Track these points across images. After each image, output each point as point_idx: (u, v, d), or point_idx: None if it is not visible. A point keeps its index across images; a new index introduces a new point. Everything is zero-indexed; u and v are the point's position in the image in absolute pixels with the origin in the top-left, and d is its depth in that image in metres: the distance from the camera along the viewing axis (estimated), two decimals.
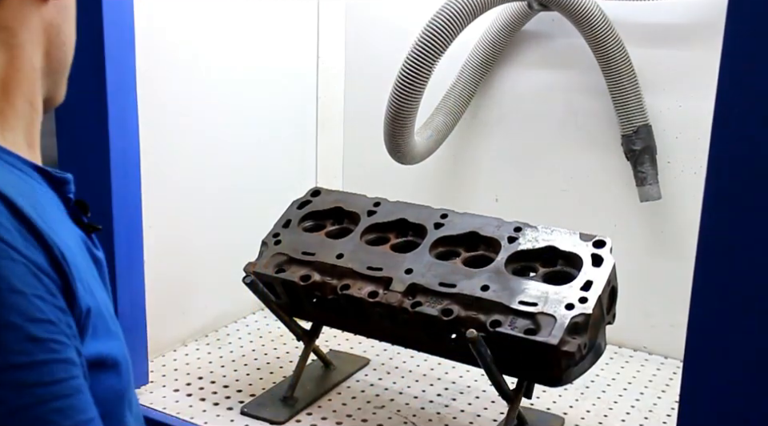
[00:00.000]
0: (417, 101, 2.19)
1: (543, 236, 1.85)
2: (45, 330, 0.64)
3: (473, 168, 2.62)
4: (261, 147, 2.54)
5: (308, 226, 2.07)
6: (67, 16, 0.81)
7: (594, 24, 2.20)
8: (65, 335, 0.65)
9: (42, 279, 0.65)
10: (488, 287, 1.75)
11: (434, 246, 1.90)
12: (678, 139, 2.29)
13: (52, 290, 0.66)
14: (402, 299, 1.80)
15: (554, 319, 1.65)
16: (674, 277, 2.22)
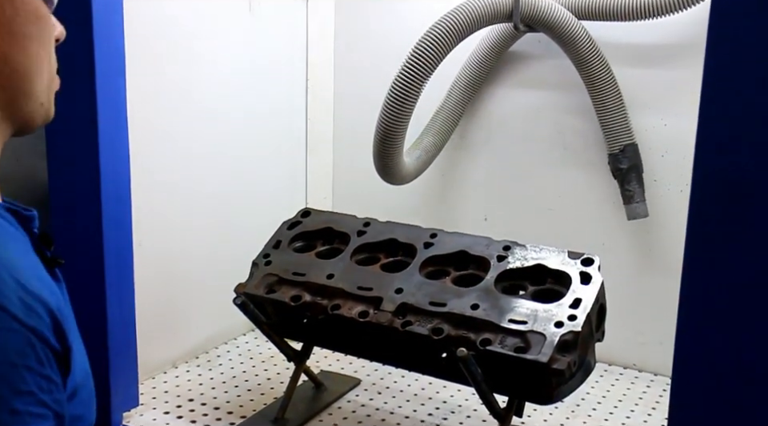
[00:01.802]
0: (405, 122, 2.20)
1: (532, 255, 1.86)
2: (24, 402, 0.66)
3: (462, 188, 2.64)
4: (251, 169, 2.55)
5: (298, 246, 2.08)
6: (15, 43, 0.75)
7: (579, 45, 2.23)
8: (41, 405, 0.68)
9: (37, 347, 0.67)
10: (478, 306, 1.75)
11: (424, 265, 1.91)
12: (664, 158, 2.31)
13: (42, 359, 0.68)
14: (393, 318, 1.81)
15: (544, 337, 1.66)
16: (663, 294, 2.23)
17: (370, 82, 2.63)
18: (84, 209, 1.86)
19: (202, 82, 2.32)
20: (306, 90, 2.76)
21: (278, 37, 2.61)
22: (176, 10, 2.20)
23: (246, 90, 2.49)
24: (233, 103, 2.44)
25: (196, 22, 2.27)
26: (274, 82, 2.61)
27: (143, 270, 2.07)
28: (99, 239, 1.86)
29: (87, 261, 1.88)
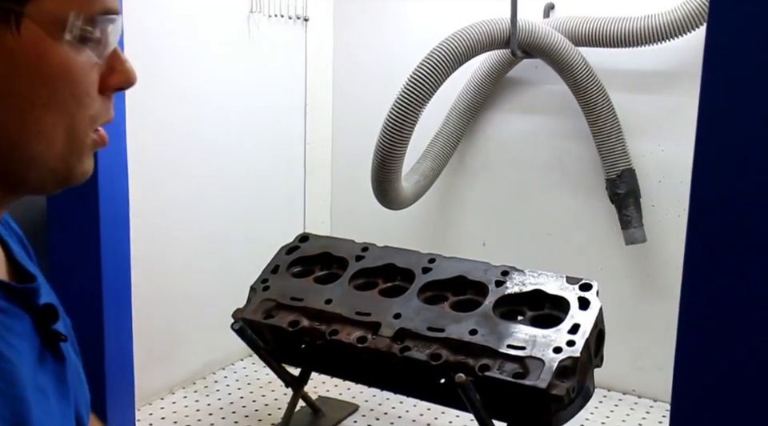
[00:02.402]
0: (403, 147, 2.21)
1: (530, 280, 1.86)
2: None
3: (460, 213, 2.64)
4: (249, 194, 2.55)
5: (296, 271, 2.08)
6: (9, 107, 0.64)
7: (576, 71, 2.25)
8: None
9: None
10: (476, 332, 1.75)
11: (422, 290, 1.91)
12: (662, 183, 2.32)
13: None
14: (391, 344, 1.80)
15: (543, 363, 1.65)
16: (661, 319, 2.23)
17: (369, 107, 2.64)
18: (82, 236, 1.86)
19: (201, 108, 2.33)
20: (304, 116, 2.77)
21: (277, 62, 2.62)
22: (176, 36, 2.21)
23: (245, 115, 2.50)
24: (232, 129, 2.45)
25: (196, 47, 2.28)
26: (273, 107, 2.62)
27: (140, 295, 2.06)
28: (97, 266, 1.86)
29: (85, 287, 1.87)
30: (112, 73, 0.68)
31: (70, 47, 0.63)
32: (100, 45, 0.66)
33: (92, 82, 0.66)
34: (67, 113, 0.65)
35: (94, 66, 0.66)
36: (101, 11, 0.64)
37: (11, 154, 0.64)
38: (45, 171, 0.67)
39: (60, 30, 0.62)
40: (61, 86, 0.64)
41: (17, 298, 0.69)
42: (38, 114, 0.64)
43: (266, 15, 2.50)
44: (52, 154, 0.66)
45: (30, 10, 0.60)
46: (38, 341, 0.71)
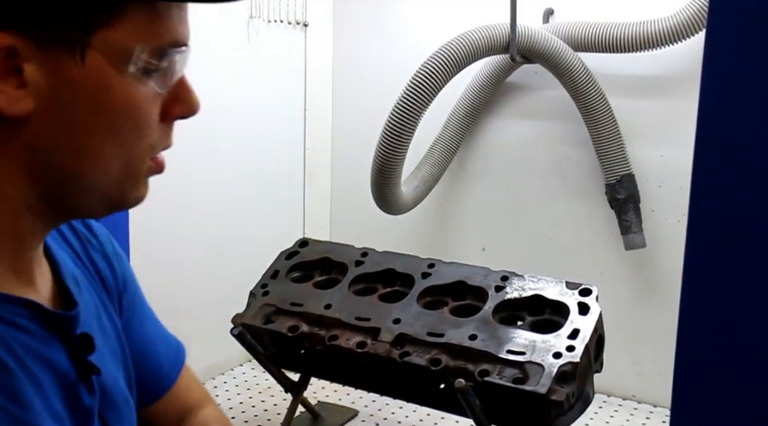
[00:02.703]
0: (403, 152, 2.21)
1: (530, 285, 1.86)
2: None
3: (459, 218, 2.64)
4: (249, 199, 2.55)
5: (296, 276, 2.07)
6: (68, 135, 0.62)
7: (575, 76, 2.25)
8: None
9: None
10: (476, 337, 1.75)
11: (422, 295, 1.91)
12: (661, 188, 2.32)
13: None
14: (391, 349, 1.80)
15: (542, 368, 1.65)
16: (661, 324, 2.23)
17: (368, 112, 2.65)
18: None
19: (201, 113, 2.33)
20: (304, 121, 2.77)
21: (276, 68, 2.62)
22: None
23: (245, 120, 2.50)
24: (232, 134, 2.45)
25: (195, 53, 2.28)
26: (272, 112, 2.62)
27: None
28: None
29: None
30: (176, 102, 0.67)
31: (133, 79, 0.62)
32: (166, 76, 0.65)
33: (153, 113, 0.65)
34: (126, 143, 0.64)
35: (157, 96, 0.64)
36: (168, 43, 0.63)
37: (68, 181, 0.63)
38: (98, 197, 0.65)
39: (125, 62, 0.60)
40: (121, 117, 0.62)
41: (50, 323, 0.67)
42: (97, 144, 0.63)
43: (266, 21, 2.50)
44: (107, 181, 0.64)
45: (96, 40, 0.59)
46: (71, 370, 0.69)
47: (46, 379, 0.66)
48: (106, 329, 0.78)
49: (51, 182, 0.63)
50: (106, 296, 0.83)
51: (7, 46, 0.57)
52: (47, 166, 0.62)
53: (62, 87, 0.59)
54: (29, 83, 0.58)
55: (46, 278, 0.71)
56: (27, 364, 0.64)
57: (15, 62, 0.57)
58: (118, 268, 0.87)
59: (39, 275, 0.69)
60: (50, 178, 0.63)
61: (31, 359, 0.65)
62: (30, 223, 0.65)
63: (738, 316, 1.14)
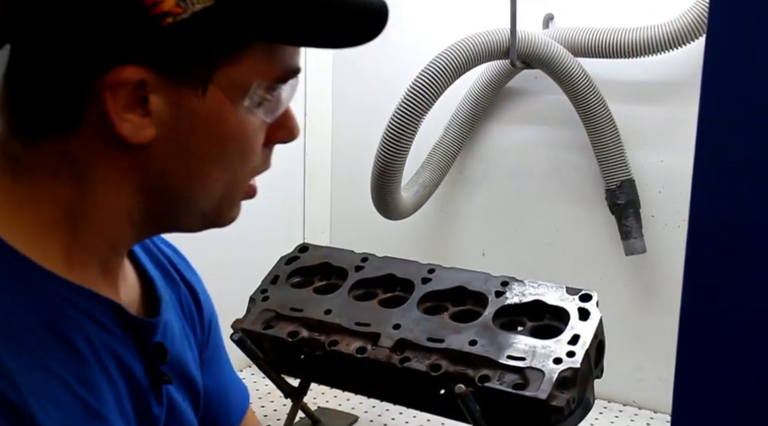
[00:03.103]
0: (403, 157, 2.21)
1: (530, 290, 1.86)
2: None
3: (459, 223, 2.64)
4: (248, 204, 2.54)
5: (296, 282, 2.07)
6: (182, 161, 0.66)
7: (575, 81, 2.25)
8: None
9: None
10: (476, 342, 1.74)
11: (422, 301, 1.90)
12: (661, 194, 2.32)
13: None
14: (391, 354, 1.80)
15: (543, 374, 1.65)
16: (662, 330, 2.22)
17: (368, 117, 2.65)
18: None
19: None
20: (304, 124, 2.77)
21: None
22: None
23: None
24: None
25: None
26: None
27: None
28: None
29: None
30: (278, 128, 0.72)
31: (247, 112, 0.66)
32: (275, 106, 0.69)
33: (260, 140, 0.71)
34: (232, 169, 0.70)
35: (264, 124, 0.70)
36: (282, 77, 0.67)
37: (174, 200, 0.69)
38: (198, 216, 0.72)
39: (242, 96, 0.65)
40: (232, 146, 0.68)
41: (130, 327, 0.70)
42: (207, 170, 0.68)
43: None
44: (210, 202, 0.71)
45: (218, 76, 0.63)
46: (144, 378, 0.72)
47: (120, 380, 0.69)
48: (186, 354, 0.81)
49: (158, 200, 0.68)
50: (187, 326, 0.86)
51: (137, 79, 0.61)
52: (158, 186, 0.67)
53: (182, 118, 0.64)
54: (153, 113, 0.63)
55: (132, 285, 0.75)
56: (104, 361, 0.67)
57: (142, 93, 0.62)
58: (204, 303, 0.93)
59: (125, 283, 0.74)
60: (157, 197, 0.68)
61: (109, 357, 0.68)
62: (128, 234, 0.70)
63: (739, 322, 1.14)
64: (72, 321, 0.64)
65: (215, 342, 0.96)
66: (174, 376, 0.76)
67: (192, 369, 0.81)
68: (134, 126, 0.62)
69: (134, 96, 0.62)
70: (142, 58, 0.60)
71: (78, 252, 0.67)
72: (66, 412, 0.61)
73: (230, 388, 0.95)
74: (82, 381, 0.64)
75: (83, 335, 0.65)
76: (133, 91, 0.61)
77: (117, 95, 0.61)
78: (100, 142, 0.63)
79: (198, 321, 0.92)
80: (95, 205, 0.66)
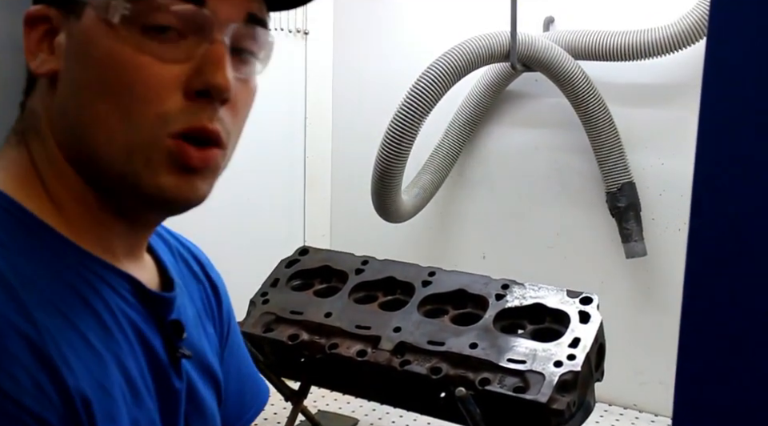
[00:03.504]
0: (403, 160, 2.21)
1: (531, 293, 1.85)
2: None
3: (460, 226, 2.64)
4: (249, 207, 2.55)
5: (296, 284, 2.07)
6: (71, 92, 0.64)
7: (575, 84, 2.25)
8: None
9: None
10: (476, 345, 1.74)
11: (422, 304, 1.90)
12: (662, 196, 2.31)
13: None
14: (391, 357, 1.79)
15: (543, 377, 1.64)
16: (663, 333, 2.22)
17: (369, 120, 2.65)
18: None
19: None
20: (304, 128, 2.77)
21: (277, 75, 2.62)
22: None
23: (245, 129, 2.50)
24: None
25: None
26: (273, 121, 2.62)
27: None
28: None
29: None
30: (195, 74, 0.63)
31: (125, 34, 0.61)
32: (183, 38, 0.62)
33: (159, 76, 0.62)
34: (121, 103, 0.62)
35: (166, 60, 0.62)
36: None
37: (79, 142, 0.64)
38: (115, 174, 0.64)
39: (106, 11, 0.62)
40: (106, 70, 0.62)
41: (149, 302, 0.70)
42: (90, 99, 0.63)
43: None
44: (114, 149, 0.63)
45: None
46: (163, 353, 0.71)
47: (139, 349, 0.68)
48: (201, 342, 0.80)
49: (71, 142, 0.65)
50: (207, 319, 0.86)
51: (41, 15, 0.64)
52: (63, 125, 0.65)
53: (71, 47, 0.63)
54: (56, 48, 0.64)
55: (150, 271, 0.74)
56: (125, 329, 0.67)
57: (53, 34, 0.65)
58: (224, 301, 0.92)
59: (142, 265, 0.73)
60: (69, 139, 0.65)
61: (129, 326, 0.67)
62: (91, 194, 0.66)
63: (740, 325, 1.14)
64: (92, 287, 0.65)
65: (234, 338, 0.96)
66: (193, 358, 0.76)
67: (210, 357, 0.81)
68: (39, 60, 0.65)
69: (48, 37, 0.65)
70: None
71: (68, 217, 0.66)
72: (85, 363, 0.61)
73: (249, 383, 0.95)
74: (102, 340, 0.64)
75: (103, 302, 0.65)
76: (47, 33, 0.65)
77: (31, 33, 0.65)
78: (41, 93, 0.66)
79: (217, 316, 0.92)
80: (53, 158, 0.66)
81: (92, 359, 0.62)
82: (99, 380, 0.61)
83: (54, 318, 0.60)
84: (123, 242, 0.70)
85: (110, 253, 0.68)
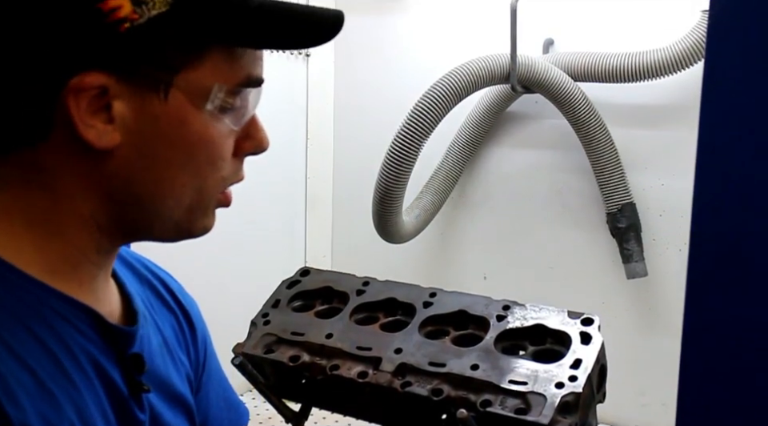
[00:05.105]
0: (404, 181, 2.22)
1: (532, 314, 1.84)
2: None
3: (461, 246, 2.64)
4: (249, 227, 2.55)
5: (297, 306, 2.06)
6: (146, 166, 0.66)
7: (575, 106, 2.26)
8: None
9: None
10: (478, 367, 1.73)
11: (423, 325, 1.88)
12: (662, 217, 2.32)
13: None
14: (392, 379, 1.78)
15: (545, 399, 1.63)
16: (664, 354, 2.21)
17: (370, 142, 2.65)
18: None
19: None
20: (306, 150, 2.78)
21: (278, 97, 2.64)
22: None
23: None
24: None
25: None
26: (274, 141, 2.63)
27: None
28: None
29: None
30: (247, 138, 0.73)
31: (210, 116, 0.66)
32: (240, 113, 0.69)
33: (227, 148, 0.70)
34: (200, 175, 0.69)
35: (231, 132, 0.69)
36: (243, 83, 0.68)
37: (142, 207, 0.68)
38: (170, 223, 0.71)
39: (203, 100, 0.65)
40: (197, 151, 0.67)
41: (108, 336, 0.70)
42: (173, 175, 0.67)
43: (268, 51, 2.52)
44: (179, 209, 0.70)
45: (179, 80, 0.64)
46: (123, 386, 0.72)
47: (98, 383, 0.69)
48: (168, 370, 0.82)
49: (126, 207, 0.68)
50: (180, 347, 0.86)
51: (99, 85, 0.62)
52: (125, 193, 0.67)
53: (145, 123, 0.64)
54: (116, 119, 0.63)
55: (114, 300, 0.75)
56: (86, 369, 0.68)
57: (106, 100, 0.63)
58: (198, 326, 0.93)
59: (105, 295, 0.73)
60: (125, 204, 0.68)
61: (89, 363, 0.68)
62: (97, 240, 0.69)
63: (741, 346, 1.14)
64: (49, 325, 0.65)
65: (212, 363, 0.97)
66: (157, 389, 0.77)
67: (178, 386, 0.82)
68: (98, 132, 0.63)
69: (98, 103, 0.63)
70: (103, 64, 0.62)
71: (52, 258, 0.67)
72: (34, 402, 0.61)
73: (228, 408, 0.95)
74: (55, 380, 0.64)
75: (60, 340, 0.66)
76: (96, 98, 0.63)
77: (80, 101, 0.62)
78: (67, 151, 0.64)
79: (191, 343, 0.92)
80: (63, 212, 0.66)
81: (43, 398, 0.62)
82: (49, 418, 0.62)
83: (6, 360, 0.61)
84: (98, 272, 0.71)
85: (78, 284, 0.69)
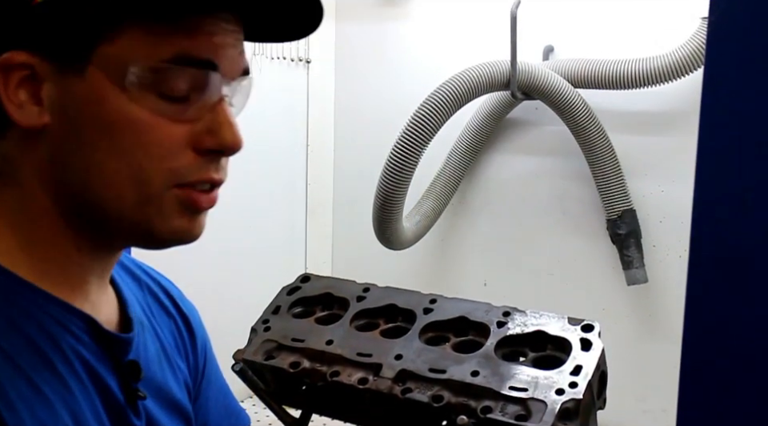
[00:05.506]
0: (405, 188, 2.22)
1: (532, 321, 1.84)
2: None
3: (461, 253, 2.64)
4: (250, 234, 2.55)
5: (298, 312, 2.06)
6: (73, 148, 0.63)
7: (575, 112, 2.26)
8: None
9: None
10: (478, 373, 1.73)
11: (424, 331, 1.88)
12: (662, 223, 2.32)
13: None
14: (393, 385, 1.78)
15: (545, 405, 1.63)
16: (665, 360, 2.21)
17: (370, 148, 2.66)
18: None
19: None
20: (306, 157, 2.79)
21: (279, 104, 2.64)
22: None
23: (247, 156, 2.50)
24: (234, 169, 2.45)
25: None
26: (274, 148, 2.64)
27: None
28: None
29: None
30: (208, 133, 0.67)
31: (138, 96, 0.63)
32: (192, 100, 0.64)
33: (168, 135, 0.64)
34: (133, 162, 0.64)
35: (179, 120, 0.65)
36: (171, 60, 0.63)
37: (87, 198, 0.65)
38: (125, 222, 0.66)
39: (122, 77, 0.62)
40: (119, 133, 0.63)
41: (104, 342, 0.69)
42: (100, 159, 0.63)
43: (269, 58, 2.53)
44: (124, 204, 0.65)
45: (96, 56, 0.62)
46: (119, 393, 0.71)
47: (96, 394, 0.68)
48: (165, 377, 0.79)
49: (76, 199, 0.64)
50: (179, 354, 0.85)
51: (22, 62, 0.61)
52: (68, 182, 0.64)
53: (69, 103, 0.62)
54: (45, 100, 0.62)
55: (111, 307, 0.74)
56: (81, 375, 0.66)
57: (37, 82, 0.62)
58: (197, 332, 0.92)
59: (99, 301, 0.72)
60: (74, 196, 0.64)
61: (85, 370, 0.67)
62: (72, 238, 0.66)
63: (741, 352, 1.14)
64: (45, 331, 0.64)
65: (212, 369, 0.96)
66: (153, 396, 0.76)
67: (176, 392, 0.81)
68: (25, 112, 0.62)
69: (30, 85, 0.62)
70: (25, 44, 0.61)
71: (37, 258, 0.66)
72: (30, 406, 0.61)
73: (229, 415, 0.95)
74: (51, 385, 0.64)
75: (56, 346, 0.65)
76: (27, 79, 0.62)
77: (8, 81, 0.61)
78: (19, 137, 0.63)
79: (191, 349, 0.91)
80: (31, 205, 0.65)
81: (39, 403, 0.62)
82: (45, 423, 0.61)
83: (1, 364, 0.60)
84: (89, 276, 0.70)
85: (70, 288, 0.68)
